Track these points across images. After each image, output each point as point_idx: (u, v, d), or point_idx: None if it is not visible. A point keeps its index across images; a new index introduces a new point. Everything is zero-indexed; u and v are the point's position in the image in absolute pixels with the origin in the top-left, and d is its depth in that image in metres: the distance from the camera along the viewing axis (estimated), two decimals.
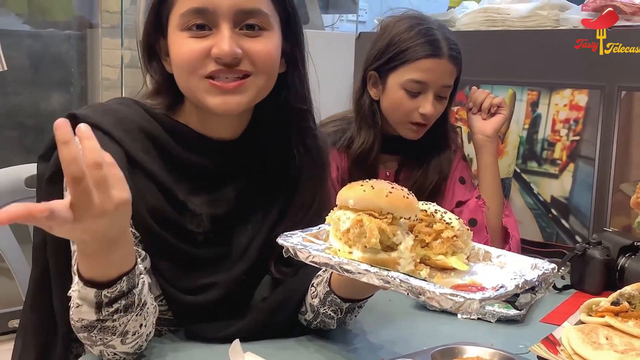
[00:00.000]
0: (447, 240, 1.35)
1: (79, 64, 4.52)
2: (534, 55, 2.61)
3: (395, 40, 2.22)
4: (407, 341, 1.64)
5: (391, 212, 1.31)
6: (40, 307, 1.61)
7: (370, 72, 2.27)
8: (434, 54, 2.18)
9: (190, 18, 1.50)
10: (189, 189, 1.58)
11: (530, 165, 2.62)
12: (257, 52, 1.53)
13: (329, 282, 1.54)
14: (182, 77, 1.56)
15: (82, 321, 1.33)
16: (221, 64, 1.50)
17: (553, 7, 2.64)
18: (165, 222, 1.52)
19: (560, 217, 2.53)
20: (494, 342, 1.57)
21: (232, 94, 1.53)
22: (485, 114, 2.37)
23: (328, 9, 4.48)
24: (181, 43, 1.52)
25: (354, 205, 1.32)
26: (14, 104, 4.28)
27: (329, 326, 1.61)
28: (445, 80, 2.22)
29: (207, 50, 1.50)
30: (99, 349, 1.39)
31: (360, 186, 1.34)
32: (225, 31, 1.50)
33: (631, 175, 2.33)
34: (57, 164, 1.53)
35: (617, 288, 1.73)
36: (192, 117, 1.63)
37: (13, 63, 4.07)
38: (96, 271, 1.29)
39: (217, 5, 1.49)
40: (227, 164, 1.64)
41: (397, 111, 2.24)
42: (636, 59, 2.32)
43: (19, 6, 4.40)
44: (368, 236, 1.27)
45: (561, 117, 2.52)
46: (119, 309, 1.32)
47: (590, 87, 2.44)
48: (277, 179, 1.69)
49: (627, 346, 1.51)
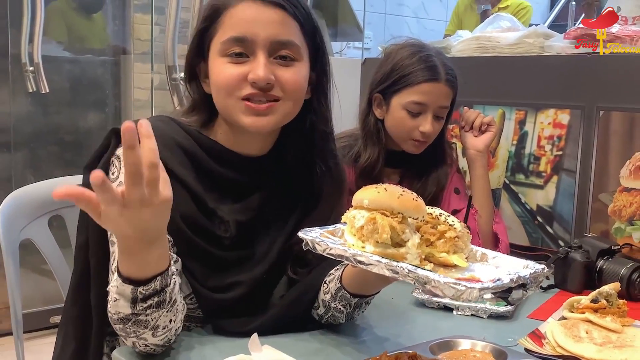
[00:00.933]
0: (450, 240, 1.36)
1: (113, 86, 4.53)
2: (522, 79, 2.61)
3: (399, 66, 2.23)
4: (409, 335, 1.64)
5: (401, 212, 1.32)
6: (80, 302, 1.62)
7: (376, 94, 2.28)
8: (433, 78, 2.19)
9: (231, 45, 1.53)
10: (218, 198, 1.59)
11: (518, 177, 2.62)
12: (287, 80, 1.55)
13: (340, 278, 1.55)
14: (220, 97, 1.58)
15: (118, 314, 1.34)
16: (256, 87, 1.52)
17: (538, 35, 2.64)
18: (196, 227, 1.53)
19: (545, 223, 2.53)
20: (486, 335, 1.57)
21: (263, 115, 1.55)
22: (476, 132, 2.37)
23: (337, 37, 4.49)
24: (221, 67, 1.55)
25: (368, 205, 1.34)
26: (55, 123, 4.29)
27: (339, 320, 1.61)
28: (442, 102, 2.22)
29: (244, 75, 1.52)
30: (132, 340, 1.39)
31: (375, 189, 1.35)
32: (261, 59, 1.52)
33: (609, 186, 2.33)
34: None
35: (596, 287, 1.74)
36: (224, 134, 1.64)
37: (54, 86, 4.10)
38: (134, 269, 1.30)
39: (255, 35, 1.52)
40: (254, 177, 1.65)
41: (400, 129, 2.24)
42: (613, 83, 2.33)
43: (59, 35, 4.42)
44: (380, 232, 1.29)
45: (546, 134, 2.52)
46: (152, 305, 1.33)
47: (571, 107, 2.44)
48: (298, 192, 1.70)
49: (605, 339, 1.52)
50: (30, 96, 4.11)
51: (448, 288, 1.20)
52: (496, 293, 1.34)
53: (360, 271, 1.48)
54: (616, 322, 1.59)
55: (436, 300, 1.86)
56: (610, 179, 2.32)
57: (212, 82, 1.59)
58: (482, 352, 1.46)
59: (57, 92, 4.21)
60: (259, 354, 1.38)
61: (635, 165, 2.24)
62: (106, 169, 1.56)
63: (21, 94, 4.08)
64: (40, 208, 2.00)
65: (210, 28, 1.58)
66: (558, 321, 1.63)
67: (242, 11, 1.54)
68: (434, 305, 1.86)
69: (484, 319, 1.79)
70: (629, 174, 2.27)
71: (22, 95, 4.09)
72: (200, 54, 1.62)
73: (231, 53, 1.53)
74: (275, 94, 1.55)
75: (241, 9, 1.54)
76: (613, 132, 2.32)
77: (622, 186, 2.29)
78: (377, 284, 1.52)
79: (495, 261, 1.43)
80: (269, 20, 1.54)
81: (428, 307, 1.86)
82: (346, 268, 1.54)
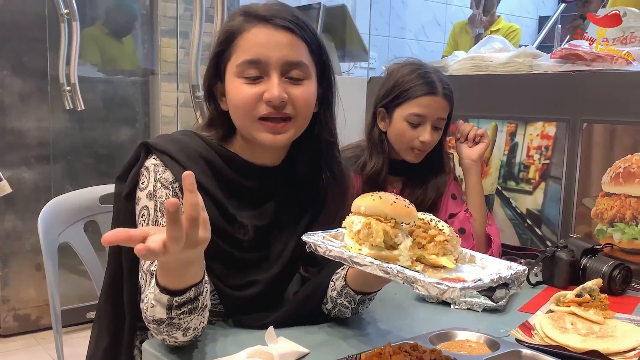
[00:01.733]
0: (439, 243, 1.37)
1: (142, 104, 4.54)
2: (512, 95, 2.61)
3: (400, 82, 2.23)
4: (410, 327, 1.65)
5: (394, 218, 1.33)
6: (112, 299, 1.64)
7: (380, 109, 2.29)
8: (431, 92, 2.20)
9: (246, 68, 1.53)
10: (237, 204, 1.60)
11: (509, 183, 2.62)
12: (298, 97, 1.56)
13: (345, 277, 1.55)
14: (238, 116, 1.59)
15: (153, 317, 1.35)
16: (271, 106, 1.53)
17: (527, 55, 2.64)
18: (218, 231, 1.53)
19: (534, 225, 2.53)
20: (480, 327, 1.57)
21: (279, 133, 1.56)
22: (470, 143, 2.38)
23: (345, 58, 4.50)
24: (238, 88, 1.55)
25: (364, 211, 1.35)
26: (90, 137, 4.31)
27: (345, 314, 1.61)
28: (440, 114, 2.23)
29: (259, 94, 1.53)
30: (163, 337, 1.40)
31: (371, 196, 1.36)
32: (275, 79, 1.53)
33: (592, 191, 2.32)
34: (132, 184, 1.57)
35: (580, 283, 1.74)
36: (241, 147, 1.65)
37: (89, 104, 4.12)
38: (171, 283, 1.31)
39: (268, 57, 1.53)
40: (269, 185, 1.66)
41: (401, 139, 2.25)
42: (595, 99, 2.33)
43: (93, 58, 4.43)
44: (375, 236, 1.31)
45: (534, 144, 2.52)
46: (186, 311, 1.34)
47: (557, 120, 2.44)
48: (308, 197, 1.70)
49: (589, 330, 1.52)
50: (68, 113, 4.13)
51: (432, 287, 1.21)
52: (482, 292, 1.34)
53: (362, 271, 1.48)
54: (599, 314, 1.59)
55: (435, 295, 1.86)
56: (593, 185, 2.32)
57: (230, 102, 1.59)
58: (477, 342, 1.47)
59: (92, 110, 4.22)
60: (275, 345, 1.38)
61: (616, 172, 2.24)
62: (136, 180, 1.57)
63: (59, 112, 4.09)
64: (77, 214, 2.01)
65: (226, 51, 1.58)
66: (546, 314, 1.63)
67: (255, 35, 1.54)
68: (433, 300, 1.86)
69: (478, 313, 1.80)
70: (609, 180, 2.26)
71: (60, 112, 4.10)
72: (217, 75, 1.62)
73: (247, 75, 1.54)
74: (288, 111, 1.55)
75: (254, 34, 1.54)
76: (595, 143, 2.32)
77: (603, 191, 2.29)
78: (377, 283, 1.53)
79: (482, 262, 1.43)
80: (280, 43, 1.54)
81: (428, 302, 1.87)
82: (350, 268, 1.55)
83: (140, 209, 1.54)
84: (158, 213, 1.52)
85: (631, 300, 1.95)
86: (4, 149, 3.91)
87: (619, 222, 2.24)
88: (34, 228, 2.00)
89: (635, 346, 1.44)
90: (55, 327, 1.92)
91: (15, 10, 3.87)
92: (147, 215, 1.53)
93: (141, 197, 1.55)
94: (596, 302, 1.65)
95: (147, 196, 1.53)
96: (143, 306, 1.39)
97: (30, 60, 3.96)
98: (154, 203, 1.52)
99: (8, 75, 3.89)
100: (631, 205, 2.20)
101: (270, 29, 1.54)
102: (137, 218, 1.55)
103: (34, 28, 3.94)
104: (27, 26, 3.93)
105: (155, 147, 1.57)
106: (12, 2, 3.86)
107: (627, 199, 2.21)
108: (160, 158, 1.56)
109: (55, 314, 1.92)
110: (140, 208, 1.54)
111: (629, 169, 2.21)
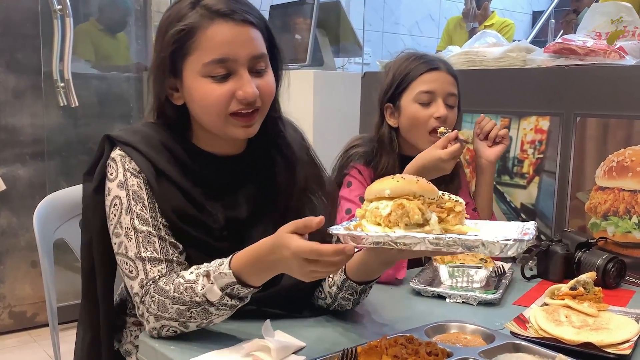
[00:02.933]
0: (458, 213, 1.37)
1: (136, 100, 4.54)
2: (506, 89, 2.62)
3: (399, 70, 2.20)
4: (406, 320, 1.65)
5: (422, 195, 1.34)
6: (91, 296, 1.65)
7: (386, 105, 2.23)
8: (433, 67, 2.17)
9: (214, 67, 1.49)
10: (205, 193, 1.58)
11: (503, 178, 2.63)
12: (264, 89, 1.54)
13: (345, 271, 1.55)
14: (207, 114, 1.55)
15: (201, 297, 1.37)
16: (244, 103, 1.51)
17: (521, 50, 2.66)
18: (187, 218, 1.53)
19: (529, 219, 2.53)
20: (475, 320, 1.57)
21: (250, 126, 1.55)
22: (490, 142, 2.27)
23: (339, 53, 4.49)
24: (205, 88, 1.51)
25: (390, 194, 1.34)
26: (84, 134, 4.30)
27: (346, 307, 1.62)
28: (449, 89, 2.18)
29: (231, 93, 1.50)
30: (165, 324, 1.42)
31: (392, 178, 1.37)
32: (246, 76, 1.51)
33: (585, 185, 2.34)
34: (100, 178, 1.58)
35: (574, 276, 1.74)
36: (202, 139, 1.62)
37: (83, 100, 4.11)
38: (250, 275, 1.36)
39: (236, 54, 1.49)
40: (236, 175, 1.64)
41: (416, 124, 2.18)
42: (588, 93, 2.34)
43: (87, 54, 4.43)
44: (411, 214, 1.30)
45: (528, 139, 2.53)
46: (228, 305, 1.37)
47: (551, 114, 2.45)
48: (278, 183, 1.67)
49: (583, 323, 1.53)
50: (62, 110, 4.12)
51: (495, 245, 1.26)
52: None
53: (363, 263, 1.50)
54: (593, 307, 1.60)
55: (430, 289, 1.87)
56: (587, 179, 2.33)
57: (195, 101, 1.55)
58: (472, 335, 1.48)
59: (86, 106, 4.22)
60: (272, 338, 1.39)
61: (609, 166, 2.25)
62: (104, 172, 1.57)
63: (53, 108, 4.09)
64: (72, 211, 2.00)
65: (183, 48, 1.51)
66: (540, 307, 1.64)
67: (219, 33, 1.49)
68: (428, 294, 1.87)
69: (473, 306, 1.81)
70: (603, 174, 2.28)
71: (54, 109, 4.10)
72: (171, 72, 1.55)
73: (214, 74, 1.50)
74: (257, 104, 1.54)
75: (216, 31, 1.49)
76: (589, 137, 2.33)
77: (597, 185, 2.30)
78: (380, 268, 1.53)
79: (480, 226, 1.44)
80: (245, 38, 1.51)
81: (423, 296, 1.87)
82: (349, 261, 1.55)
83: (111, 199, 1.54)
84: (131, 201, 1.51)
85: (625, 293, 1.96)
86: None
87: (612, 215, 2.25)
88: (29, 225, 2.00)
89: (628, 338, 1.45)
90: (52, 324, 1.92)
91: (8, 6, 3.87)
92: (119, 204, 1.52)
93: (112, 187, 1.54)
94: (590, 295, 1.66)
95: (118, 186, 1.53)
96: (169, 286, 1.41)
97: (23, 56, 3.96)
98: (125, 192, 1.52)
99: (2, 72, 3.89)
100: (624, 198, 2.21)
101: (232, 25, 1.50)
102: (108, 209, 1.55)
103: (27, 24, 3.94)
104: (20, 22, 3.92)
105: (117, 139, 1.57)
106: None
107: (621, 192, 2.23)
108: (124, 149, 1.56)
109: (51, 311, 1.92)
110: (112, 198, 1.53)
111: (622, 162, 2.22)
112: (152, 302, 1.42)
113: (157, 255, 1.47)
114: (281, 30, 4.27)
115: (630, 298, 1.91)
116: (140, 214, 1.50)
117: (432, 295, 1.87)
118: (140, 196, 1.51)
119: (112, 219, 1.53)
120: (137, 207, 1.50)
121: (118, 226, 1.51)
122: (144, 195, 1.52)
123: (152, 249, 1.47)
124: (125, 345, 1.73)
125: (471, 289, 1.89)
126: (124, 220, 1.50)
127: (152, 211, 1.51)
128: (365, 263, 1.50)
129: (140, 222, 1.49)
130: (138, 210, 1.50)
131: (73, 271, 3.51)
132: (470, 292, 1.84)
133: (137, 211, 1.50)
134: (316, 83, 3.59)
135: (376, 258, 1.48)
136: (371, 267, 1.51)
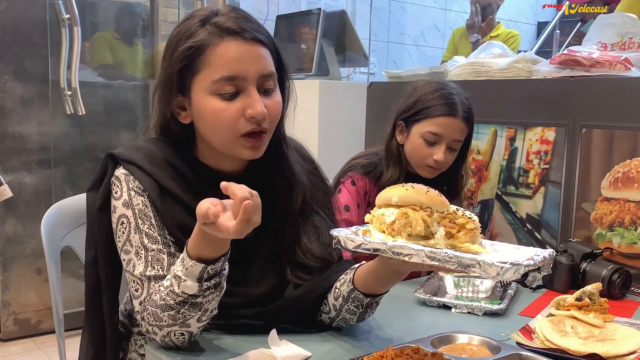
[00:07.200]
0: (470, 231, 1.34)
1: (142, 108, 4.54)
2: (512, 100, 2.63)
3: (422, 99, 2.25)
4: (412, 330, 1.65)
5: (430, 207, 1.32)
6: (94, 313, 1.64)
7: (399, 122, 2.30)
8: (450, 113, 2.21)
9: (223, 85, 1.47)
10: None
11: (509, 188, 2.63)
12: (272, 109, 1.52)
13: (352, 281, 1.53)
14: (217, 133, 1.53)
15: (182, 295, 1.36)
16: (254, 122, 1.49)
17: (526, 61, 2.66)
18: (191, 234, 1.48)
19: (534, 230, 2.54)
20: (481, 331, 1.58)
21: (259, 148, 1.54)
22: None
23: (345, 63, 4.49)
24: (215, 106, 1.49)
25: (397, 202, 1.32)
26: (90, 142, 4.30)
27: (350, 322, 1.59)
28: (456, 136, 2.24)
29: (240, 111, 1.48)
30: (168, 331, 1.41)
31: (402, 187, 1.35)
32: (255, 94, 1.49)
33: (591, 196, 2.34)
34: (104, 196, 1.57)
35: (580, 287, 1.75)
36: (208, 156, 1.61)
37: (90, 108, 4.12)
38: (209, 252, 1.34)
39: (245, 72, 1.47)
40: None
41: (416, 155, 2.27)
42: (594, 104, 2.34)
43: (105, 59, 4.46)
44: (414, 225, 1.28)
45: (534, 149, 2.53)
46: (210, 286, 1.36)
47: (557, 125, 2.45)
48: (276, 201, 1.65)
49: (589, 333, 1.53)
50: (69, 118, 4.13)
51: (492, 268, 1.20)
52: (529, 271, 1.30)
53: (373, 271, 1.48)
54: (598, 318, 1.60)
55: (436, 299, 1.87)
56: (592, 189, 2.33)
57: (205, 119, 1.53)
58: (478, 346, 1.48)
59: (93, 114, 4.22)
60: (278, 347, 1.39)
61: (615, 177, 2.25)
62: (108, 190, 1.56)
63: (60, 116, 4.09)
64: (79, 218, 2.00)
65: (192, 66, 1.50)
66: (546, 317, 1.64)
67: (228, 50, 1.48)
68: (434, 304, 1.87)
69: (479, 316, 1.81)
70: (608, 185, 2.28)
71: (61, 117, 4.10)
72: (179, 89, 1.54)
73: (223, 92, 1.48)
74: (265, 125, 1.52)
75: (226, 49, 1.48)
76: (594, 148, 2.33)
77: (602, 196, 2.30)
78: (389, 282, 1.50)
79: (496, 248, 1.40)
80: (255, 56, 1.49)
81: (429, 306, 1.87)
82: (357, 271, 1.53)
83: (118, 217, 1.53)
84: (138, 220, 1.51)
85: (631, 304, 1.96)
86: (5, 153, 3.91)
87: (618, 226, 2.25)
88: (34, 232, 2.01)
89: (634, 349, 1.45)
90: (58, 331, 1.92)
91: (16, 15, 3.88)
92: (127, 222, 1.52)
93: (117, 205, 1.54)
94: (596, 306, 1.66)
95: (124, 205, 1.53)
96: (156, 296, 1.41)
97: (31, 65, 3.96)
98: (132, 211, 1.52)
99: (9, 80, 3.89)
100: (630, 209, 2.21)
101: (242, 43, 1.48)
102: (115, 226, 1.54)
103: (35, 33, 3.95)
104: (28, 31, 3.93)
105: (120, 157, 1.56)
106: (14, 7, 3.86)
107: (626, 203, 2.23)
108: (127, 168, 1.55)
109: (58, 318, 1.92)
110: (118, 216, 1.53)
111: (627, 173, 2.22)
112: (149, 316, 1.42)
113: (163, 272, 1.47)
114: (287, 40, 4.28)
115: (636, 309, 1.90)
116: (149, 232, 1.50)
117: (438, 305, 1.87)
118: (146, 214, 1.51)
119: (120, 236, 1.53)
120: (145, 225, 1.50)
121: (128, 244, 1.50)
122: (150, 213, 1.51)
123: (159, 267, 1.47)
124: (130, 354, 1.73)
125: (477, 299, 1.89)
126: (133, 239, 1.50)
127: (160, 229, 1.51)
128: (375, 271, 1.48)
129: (149, 240, 1.49)
130: (146, 229, 1.50)
131: (78, 279, 3.52)
132: (475, 302, 1.84)
133: (146, 230, 1.50)
134: (322, 93, 3.60)
135: (386, 267, 1.45)
136: (381, 277, 1.48)
